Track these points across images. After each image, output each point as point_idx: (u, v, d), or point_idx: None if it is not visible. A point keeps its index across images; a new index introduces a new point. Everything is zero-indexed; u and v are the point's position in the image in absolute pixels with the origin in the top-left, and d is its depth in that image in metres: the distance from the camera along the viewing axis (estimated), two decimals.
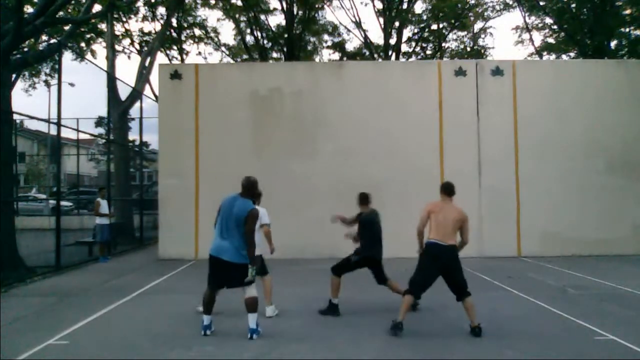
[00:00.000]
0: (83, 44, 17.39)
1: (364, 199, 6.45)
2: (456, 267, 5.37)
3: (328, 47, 26.58)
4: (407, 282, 5.51)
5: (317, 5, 22.82)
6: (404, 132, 11.50)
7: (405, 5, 23.50)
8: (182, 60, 21.85)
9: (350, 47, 26.37)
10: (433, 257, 5.36)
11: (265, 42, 24.50)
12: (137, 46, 19.65)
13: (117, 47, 17.88)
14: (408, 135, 11.49)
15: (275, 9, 23.69)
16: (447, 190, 5.68)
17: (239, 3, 22.13)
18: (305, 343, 5.03)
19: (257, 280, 5.93)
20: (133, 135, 17.07)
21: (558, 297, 7.06)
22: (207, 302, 5.19)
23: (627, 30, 20.28)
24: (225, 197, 5.30)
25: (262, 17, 23.61)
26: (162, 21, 18.74)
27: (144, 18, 19.10)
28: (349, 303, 6.62)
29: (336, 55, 26.29)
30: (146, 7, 18.75)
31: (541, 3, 20.80)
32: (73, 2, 14.05)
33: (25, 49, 13.16)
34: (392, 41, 23.28)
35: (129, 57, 24.64)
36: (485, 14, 24.10)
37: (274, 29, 24.32)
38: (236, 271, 5.02)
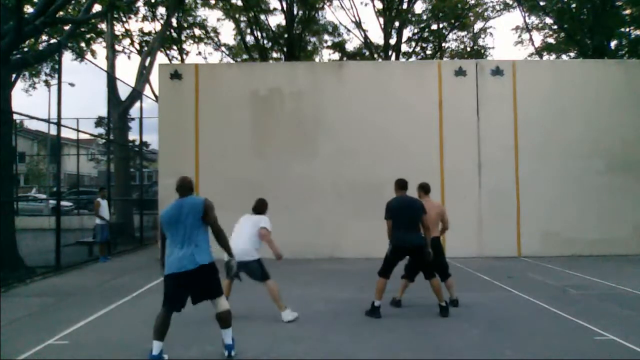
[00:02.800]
0: (83, 44, 17.38)
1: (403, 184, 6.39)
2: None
3: (328, 47, 26.59)
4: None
5: (317, 5, 22.80)
6: (404, 132, 11.50)
7: (405, 5, 23.49)
8: (182, 60, 21.85)
9: (350, 47, 26.40)
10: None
11: (265, 42, 24.50)
12: (137, 46, 19.66)
13: (117, 47, 17.89)
14: (408, 135, 11.49)
15: (275, 9, 23.71)
16: (425, 188, 6.71)
17: (239, 3, 22.13)
18: (305, 343, 5.03)
19: (260, 287, 5.93)
20: (133, 135, 17.09)
21: (558, 297, 7.06)
22: (161, 326, 4.36)
23: (627, 30, 20.28)
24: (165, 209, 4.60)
25: (262, 17, 23.61)
26: (162, 21, 18.74)
27: (144, 18, 19.10)
28: (349, 303, 6.62)
29: (336, 55, 26.30)
30: (146, 7, 18.76)
31: (541, 3, 20.81)
32: (73, 2, 14.06)
33: (25, 49, 13.18)
34: (392, 41, 23.27)
35: (129, 57, 24.66)
36: (485, 14, 24.09)
37: (274, 29, 24.32)
38: (202, 278, 4.38)
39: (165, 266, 4.44)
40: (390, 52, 23.05)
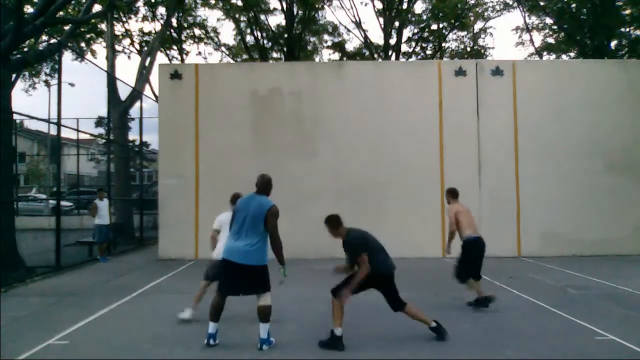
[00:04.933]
0: (83, 44, 17.41)
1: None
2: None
3: (328, 47, 26.59)
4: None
5: (317, 5, 22.80)
6: (404, 132, 11.50)
7: (405, 5, 23.49)
8: (182, 60, 21.84)
9: (350, 47, 26.40)
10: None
11: (265, 42, 24.50)
12: (137, 46, 19.66)
13: (117, 47, 17.89)
14: (408, 135, 11.49)
15: (275, 9, 23.71)
16: (453, 193, 7.16)
17: (239, 3, 22.13)
18: (305, 343, 5.03)
19: None
20: (133, 135, 17.08)
21: (558, 297, 7.06)
22: (215, 308, 4.81)
23: (627, 30, 20.28)
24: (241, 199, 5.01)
25: (262, 17, 23.61)
26: (162, 21, 18.73)
27: (144, 18, 19.09)
28: (349, 304, 6.61)
29: (336, 55, 26.30)
30: (146, 7, 18.75)
31: (541, 3, 20.80)
32: (73, 2, 14.06)
33: (25, 49, 13.17)
34: (392, 41, 23.27)
35: (129, 57, 24.66)
36: (485, 14, 24.10)
37: (274, 29, 24.32)
38: (252, 275, 4.70)
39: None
40: (390, 52, 23.04)
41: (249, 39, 24.26)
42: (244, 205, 4.84)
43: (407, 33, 24.83)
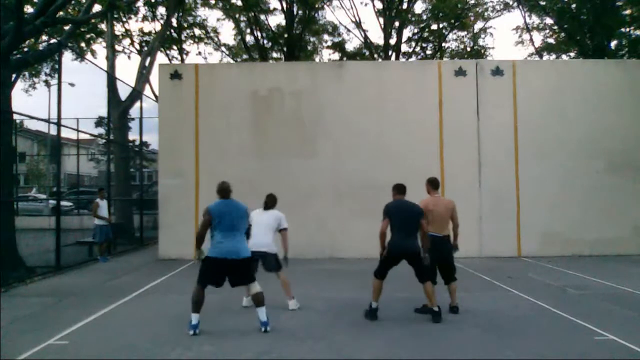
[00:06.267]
0: (83, 44, 17.40)
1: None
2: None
3: (328, 47, 26.60)
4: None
5: (317, 5, 22.80)
6: (404, 132, 11.50)
7: (405, 5, 23.50)
8: (182, 60, 21.85)
9: (350, 47, 26.41)
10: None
11: (265, 42, 24.50)
12: (137, 46, 19.68)
13: (117, 47, 17.90)
14: (408, 135, 11.49)
15: (275, 9, 23.71)
16: (434, 183, 6.52)
17: (239, 3, 22.13)
18: (305, 343, 5.03)
19: (272, 276, 6.35)
20: (133, 135, 17.07)
21: (558, 297, 7.06)
22: (198, 300, 5.26)
23: (627, 30, 20.28)
24: (214, 204, 5.51)
25: (262, 17, 23.61)
26: (162, 21, 18.74)
27: (144, 18, 19.10)
28: (349, 303, 6.62)
29: (336, 55, 26.30)
30: (146, 7, 18.77)
31: (541, 3, 20.81)
32: (73, 2, 14.06)
33: (25, 49, 13.17)
34: (392, 41, 23.27)
35: (129, 57, 24.67)
36: (485, 14, 24.10)
37: (274, 29, 24.32)
38: (245, 266, 5.40)
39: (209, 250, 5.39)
40: (390, 52, 23.05)
41: (249, 39, 24.29)
42: (226, 209, 5.47)
43: (407, 33, 24.87)
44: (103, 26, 16.56)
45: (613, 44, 19.80)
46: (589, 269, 9.40)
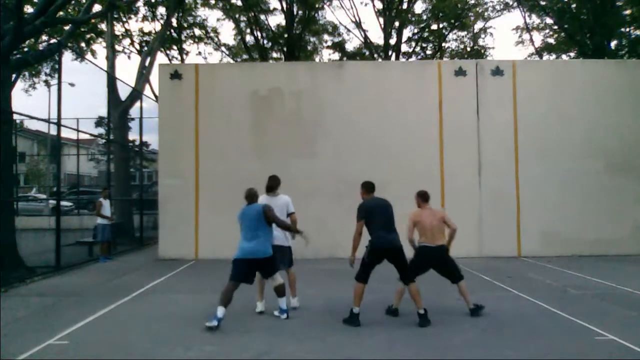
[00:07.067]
0: (83, 44, 17.39)
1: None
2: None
3: (328, 47, 26.60)
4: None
5: (317, 5, 22.81)
6: (404, 132, 11.50)
7: (405, 5, 23.50)
8: (182, 60, 21.84)
9: (350, 47, 26.42)
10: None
11: (265, 42, 24.50)
12: (137, 46, 19.66)
13: (117, 47, 17.88)
14: (408, 135, 11.49)
15: (275, 9, 23.72)
16: (424, 197, 6.45)
17: (239, 3, 22.14)
18: (305, 343, 5.03)
19: (282, 272, 6.31)
20: (133, 135, 17.08)
21: (558, 297, 7.06)
22: (228, 295, 5.53)
23: (627, 30, 20.28)
24: (241, 210, 5.93)
25: (262, 17, 23.61)
26: (162, 21, 18.74)
27: (144, 18, 19.10)
28: (349, 303, 6.61)
29: (336, 55, 26.31)
30: (146, 7, 18.76)
31: (542, 3, 20.80)
32: (73, 2, 14.06)
33: (25, 49, 13.17)
34: (392, 41, 23.27)
35: (129, 57, 24.64)
36: (485, 14, 24.10)
37: (274, 29, 24.33)
38: (269, 261, 5.79)
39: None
40: (390, 52, 23.05)
41: (249, 39, 24.29)
42: (247, 214, 5.86)
43: (407, 33, 24.88)
44: (103, 26, 16.56)
45: (613, 44, 19.79)
46: (589, 269, 9.40)
